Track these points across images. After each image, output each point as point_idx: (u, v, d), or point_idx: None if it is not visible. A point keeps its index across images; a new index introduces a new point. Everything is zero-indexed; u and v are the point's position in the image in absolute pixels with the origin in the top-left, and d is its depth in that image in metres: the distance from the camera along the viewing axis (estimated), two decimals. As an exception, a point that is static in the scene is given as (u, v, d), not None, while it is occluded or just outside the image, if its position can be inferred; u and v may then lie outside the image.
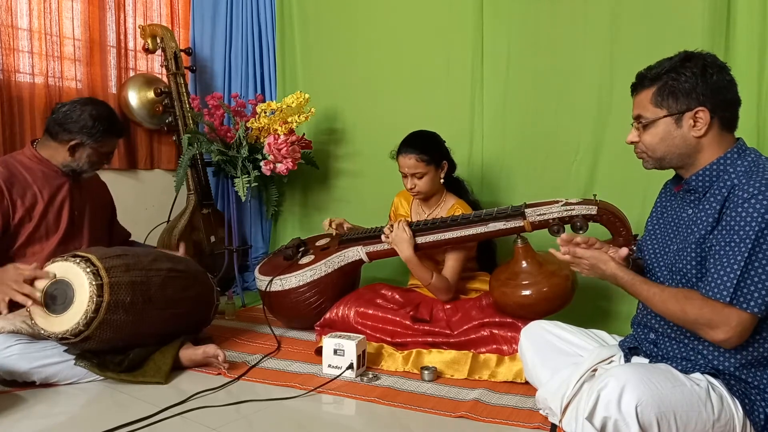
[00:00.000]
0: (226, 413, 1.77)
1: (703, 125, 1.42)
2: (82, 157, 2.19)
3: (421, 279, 2.41)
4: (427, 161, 2.44)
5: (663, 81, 1.45)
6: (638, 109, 1.50)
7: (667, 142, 1.46)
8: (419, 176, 2.45)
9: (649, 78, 1.48)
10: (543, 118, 2.72)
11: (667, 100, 1.44)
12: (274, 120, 3.00)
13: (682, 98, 1.43)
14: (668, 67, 1.45)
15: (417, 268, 2.38)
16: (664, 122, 1.45)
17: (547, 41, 2.69)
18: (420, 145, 2.45)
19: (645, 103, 1.48)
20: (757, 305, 1.31)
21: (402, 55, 3.09)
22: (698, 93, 1.41)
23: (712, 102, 1.41)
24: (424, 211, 2.59)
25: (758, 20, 2.22)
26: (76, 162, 2.19)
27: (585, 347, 1.71)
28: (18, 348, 1.89)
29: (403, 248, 2.39)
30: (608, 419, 1.31)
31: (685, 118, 1.43)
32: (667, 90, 1.44)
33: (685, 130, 1.44)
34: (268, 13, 3.54)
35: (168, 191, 3.41)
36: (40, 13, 2.95)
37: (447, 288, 2.39)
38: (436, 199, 2.57)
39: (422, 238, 2.40)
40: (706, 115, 1.42)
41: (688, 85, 1.42)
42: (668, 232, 1.56)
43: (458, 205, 2.51)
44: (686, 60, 1.44)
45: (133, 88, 3.33)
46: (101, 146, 2.20)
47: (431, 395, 1.93)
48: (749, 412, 1.37)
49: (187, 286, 2.18)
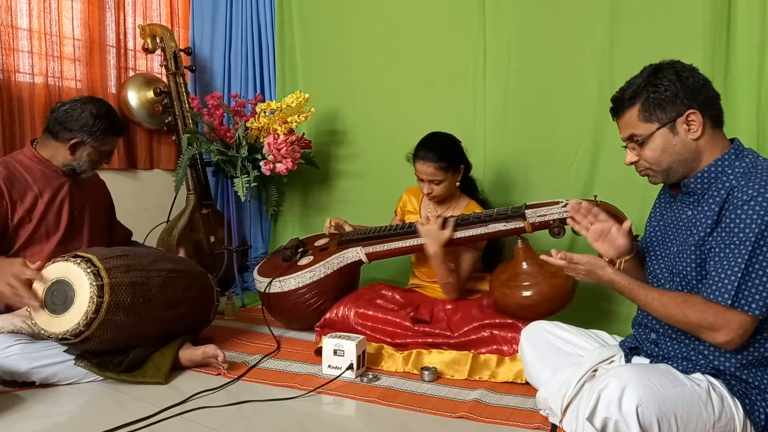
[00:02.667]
0: (226, 413, 1.77)
1: (697, 126, 1.42)
2: (83, 156, 2.18)
3: (441, 276, 2.38)
4: (445, 168, 2.40)
5: (644, 97, 1.44)
6: (628, 130, 1.49)
7: (669, 151, 1.45)
8: (437, 183, 2.42)
9: (627, 98, 1.47)
10: (543, 118, 2.72)
11: (655, 112, 1.44)
12: (274, 120, 3.00)
13: (669, 107, 1.43)
14: (642, 83, 1.45)
15: (441, 265, 2.35)
16: (659, 134, 1.45)
17: (548, 41, 2.68)
18: (439, 153, 2.39)
19: (633, 122, 1.47)
20: (758, 307, 1.31)
21: (403, 55, 3.08)
22: (681, 98, 1.42)
23: (697, 102, 1.42)
24: (435, 210, 2.58)
25: (758, 20, 2.22)
26: (76, 161, 2.18)
27: (585, 347, 1.71)
28: (18, 348, 1.89)
29: (433, 243, 2.34)
30: (609, 419, 1.31)
31: (678, 124, 1.43)
32: (651, 104, 1.44)
33: (682, 135, 1.44)
34: (267, 13, 3.54)
35: (168, 191, 3.41)
36: (39, 13, 2.95)
37: (460, 287, 2.40)
38: (449, 200, 2.55)
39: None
40: (698, 117, 1.42)
41: (669, 93, 1.42)
42: (668, 233, 1.56)
43: (473, 205, 2.50)
44: (657, 71, 1.45)
45: (133, 88, 3.33)
46: (102, 145, 2.20)
47: (431, 396, 1.93)
48: (750, 413, 1.37)
49: (188, 286, 2.18)
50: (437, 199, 2.51)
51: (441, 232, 2.32)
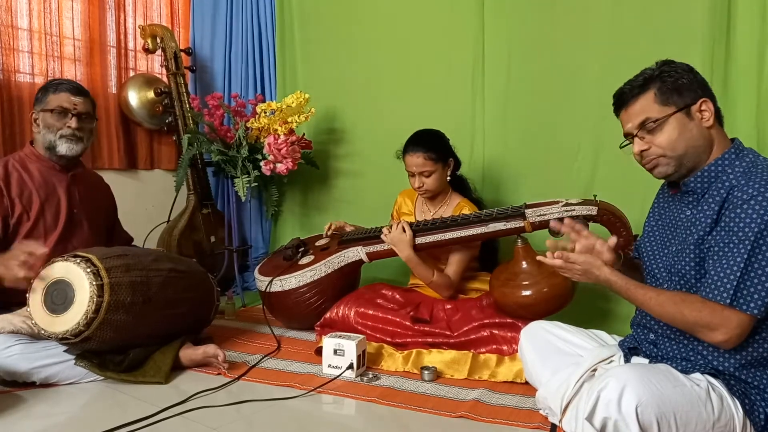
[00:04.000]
0: (226, 413, 1.77)
1: (710, 116, 1.43)
2: (42, 128, 2.17)
3: (422, 277, 2.41)
4: (434, 159, 2.44)
5: (659, 82, 1.45)
6: (641, 116, 1.47)
7: (686, 135, 1.44)
8: (427, 174, 2.45)
9: (638, 85, 1.47)
10: (543, 118, 2.72)
11: (672, 96, 1.44)
12: (274, 120, 3.00)
13: (686, 92, 1.43)
14: (656, 70, 1.46)
15: (418, 267, 2.39)
16: (675, 118, 1.44)
17: (548, 41, 2.68)
18: (427, 143, 2.45)
19: (648, 105, 1.46)
20: (756, 306, 1.31)
21: (403, 55, 3.08)
22: (695, 87, 1.44)
23: (708, 94, 1.44)
24: (429, 210, 2.59)
25: (758, 20, 2.22)
26: (43, 136, 2.18)
27: (585, 347, 1.71)
28: (18, 348, 1.89)
29: (401, 248, 2.40)
30: (608, 419, 1.31)
31: (693, 111, 1.44)
32: (668, 87, 1.44)
33: (697, 122, 1.44)
34: (268, 13, 3.54)
35: (168, 191, 3.41)
36: (40, 13, 2.95)
37: (449, 285, 2.41)
38: (441, 198, 2.57)
39: (422, 239, 2.40)
40: (710, 106, 1.43)
41: (685, 80, 1.44)
42: (667, 233, 1.56)
43: (464, 203, 2.51)
44: (668, 63, 1.47)
45: (133, 88, 3.33)
46: (47, 104, 2.17)
47: (431, 395, 1.93)
48: (749, 412, 1.37)
49: (188, 286, 2.18)
50: (429, 194, 2.52)
51: (402, 235, 2.37)
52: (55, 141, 2.17)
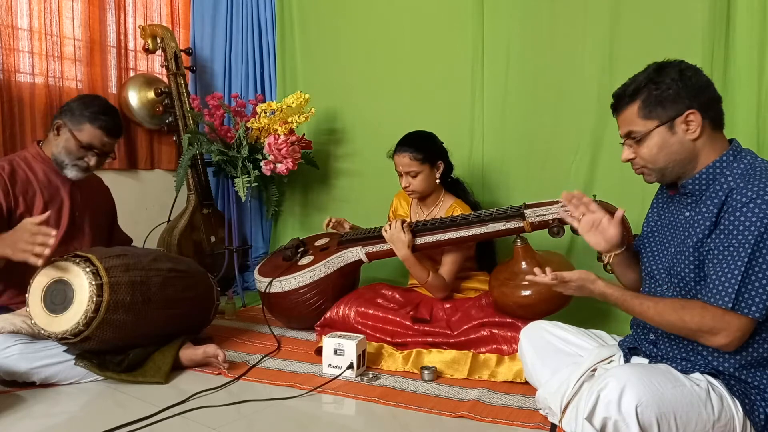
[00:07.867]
0: (226, 413, 1.77)
1: (696, 127, 1.41)
2: (62, 141, 2.13)
3: (417, 278, 2.42)
4: (421, 160, 2.45)
5: (645, 93, 1.44)
6: (627, 126, 1.48)
7: (666, 150, 1.44)
8: (413, 174, 2.46)
9: (629, 94, 1.46)
10: (543, 118, 2.72)
11: (655, 110, 1.43)
12: (274, 120, 3.00)
13: (670, 105, 1.42)
14: (645, 79, 1.44)
15: (414, 267, 2.39)
16: (657, 132, 1.44)
17: (547, 41, 2.69)
18: (414, 144, 2.47)
19: (632, 118, 1.46)
20: (758, 310, 1.31)
21: (402, 55, 3.09)
22: (683, 97, 1.41)
23: (698, 103, 1.41)
24: (422, 212, 2.60)
25: (758, 20, 2.22)
26: (57, 148, 2.14)
27: (585, 347, 1.71)
28: (18, 348, 1.89)
29: (399, 247, 2.40)
30: (608, 419, 1.30)
31: (677, 123, 1.42)
32: (652, 101, 1.43)
33: (680, 135, 1.43)
34: (268, 13, 3.55)
35: (168, 191, 3.41)
36: (40, 13, 2.95)
37: (444, 286, 2.41)
38: (433, 199, 2.57)
39: (422, 239, 2.40)
40: (697, 117, 1.41)
41: (671, 91, 1.41)
42: (666, 234, 1.56)
43: (457, 204, 2.51)
44: (661, 69, 1.44)
45: (134, 88, 3.33)
46: (79, 132, 2.12)
47: (431, 395, 1.93)
48: (749, 412, 1.37)
49: (188, 286, 2.18)
50: (416, 195, 2.53)
51: (401, 234, 2.37)
52: (67, 164, 2.16)
